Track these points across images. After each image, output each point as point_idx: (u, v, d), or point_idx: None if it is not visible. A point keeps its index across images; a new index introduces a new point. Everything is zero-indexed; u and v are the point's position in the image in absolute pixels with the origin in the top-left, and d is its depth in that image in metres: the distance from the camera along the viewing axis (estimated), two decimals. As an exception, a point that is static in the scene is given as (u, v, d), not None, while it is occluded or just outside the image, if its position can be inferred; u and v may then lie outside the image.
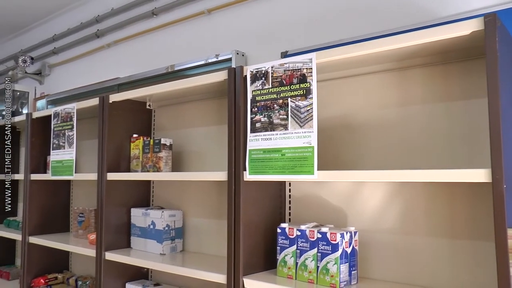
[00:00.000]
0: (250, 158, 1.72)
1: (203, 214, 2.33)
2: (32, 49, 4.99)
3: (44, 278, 3.05)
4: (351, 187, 1.80)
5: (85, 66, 4.34)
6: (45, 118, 3.03)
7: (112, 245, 2.40)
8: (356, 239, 1.68)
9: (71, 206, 3.28)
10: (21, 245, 3.07)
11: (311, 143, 1.56)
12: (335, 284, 1.60)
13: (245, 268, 1.75)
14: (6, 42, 5.59)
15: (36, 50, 4.95)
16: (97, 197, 2.41)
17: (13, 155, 3.88)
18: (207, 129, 2.33)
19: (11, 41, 5.49)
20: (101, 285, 2.37)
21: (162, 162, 2.23)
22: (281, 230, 1.77)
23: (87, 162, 3.11)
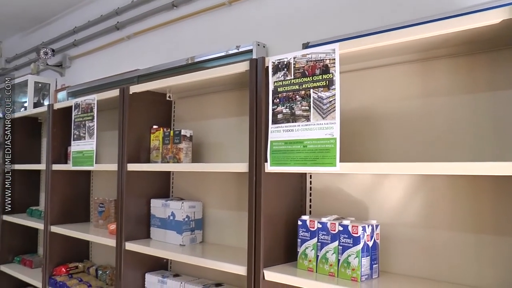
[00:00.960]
0: (271, 149, 1.71)
1: (223, 206, 2.32)
2: (53, 41, 5.03)
3: (66, 267, 3.09)
4: (372, 179, 1.78)
5: (105, 58, 4.36)
6: (66, 109, 3.06)
7: (132, 235, 2.42)
8: (377, 232, 1.66)
9: (91, 196, 3.31)
10: (43, 234, 3.12)
11: (334, 134, 1.54)
12: (356, 277, 1.58)
13: (265, 260, 1.75)
14: (28, 35, 5.65)
15: (57, 43, 4.99)
16: (117, 188, 2.43)
17: (35, 145, 3.94)
18: (228, 120, 2.32)
19: (33, 34, 5.54)
20: (121, 274, 2.39)
21: (182, 153, 2.23)
22: (302, 222, 1.75)
23: (107, 153, 3.13)
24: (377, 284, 1.57)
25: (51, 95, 4.81)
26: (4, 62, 5.86)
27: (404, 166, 1.40)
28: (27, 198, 3.85)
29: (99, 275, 3.00)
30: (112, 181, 3.10)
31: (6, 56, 5.90)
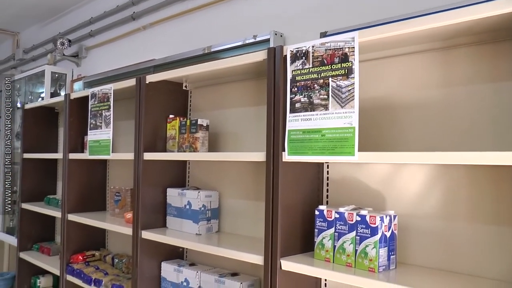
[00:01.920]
0: (289, 138, 1.70)
1: (239, 195, 2.32)
2: (70, 32, 5.06)
3: (82, 254, 3.13)
4: (390, 169, 1.76)
5: (121, 48, 4.37)
6: (83, 99, 3.08)
7: (148, 224, 2.43)
8: (395, 223, 1.64)
9: (108, 185, 3.33)
10: (61, 222, 3.15)
11: (352, 123, 1.52)
12: (374, 268, 1.57)
13: (282, 250, 1.74)
14: (45, 26, 5.69)
15: (74, 33, 5.02)
16: (133, 177, 2.44)
17: (51, 135, 3.97)
18: (244, 110, 2.31)
19: (50, 25, 5.58)
20: (137, 263, 2.40)
21: (199, 143, 2.23)
22: (319, 212, 1.74)
23: (123, 142, 3.14)
24: (395, 275, 1.56)
25: (67, 85, 4.85)
26: (22, 53, 5.92)
27: (423, 155, 1.39)
28: (44, 187, 3.90)
29: (116, 263, 3.02)
30: (128, 171, 3.11)
31: (24, 47, 5.95)
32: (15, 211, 5.01)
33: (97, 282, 2.77)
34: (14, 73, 5.91)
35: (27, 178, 3.82)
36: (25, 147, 3.81)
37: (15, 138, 5.14)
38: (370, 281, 1.49)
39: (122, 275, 2.84)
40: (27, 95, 5.13)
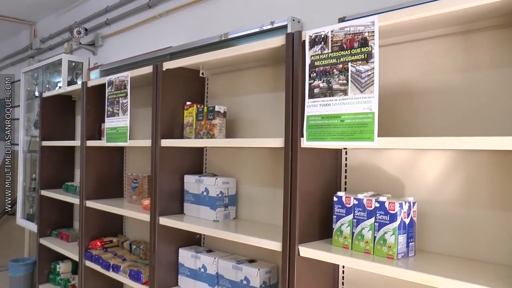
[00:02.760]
0: (307, 124, 1.69)
1: (256, 182, 2.32)
2: (86, 21, 5.07)
3: (101, 241, 3.16)
4: (410, 155, 1.74)
5: (137, 36, 4.37)
6: (100, 87, 3.09)
7: (166, 210, 2.44)
8: (414, 209, 1.62)
9: (125, 172, 3.36)
10: (79, 208, 3.19)
11: (372, 108, 1.51)
12: (393, 255, 1.56)
13: (300, 236, 1.74)
14: (62, 15, 5.71)
15: (90, 22, 5.03)
16: (151, 163, 2.45)
17: (69, 123, 4.01)
18: (262, 96, 2.30)
19: (66, 14, 5.60)
20: (155, 249, 2.42)
21: (216, 129, 2.23)
22: (338, 198, 1.74)
23: (140, 130, 3.15)
24: (414, 262, 1.55)
25: (84, 74, 4.88)
26: (39, 43, 5.96)
27: (444, 140, 1.37)
28: (62, 174, 3.94)
29: (133, 250, 3.05)
30: (145, 158, 3.13)
31: (41, 37, 5.99)
32: (35, 198, 5.08)
33: (115, 268, 2.81)
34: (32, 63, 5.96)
35: (45, 166, 3.87)
36: (43, 135, 3.85)
37: (33, 127, 5.20)
38: (389, 268, 1.48)
39: (140, 261, 2.87)
40: (44, 84, 5.17)
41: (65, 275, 3.82)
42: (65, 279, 3.71)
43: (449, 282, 1.34)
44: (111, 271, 2.84)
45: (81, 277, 3.16)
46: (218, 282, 2.30)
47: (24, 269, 4.92)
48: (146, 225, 2.50)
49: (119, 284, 3.35)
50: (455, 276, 1.35)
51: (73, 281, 3.65)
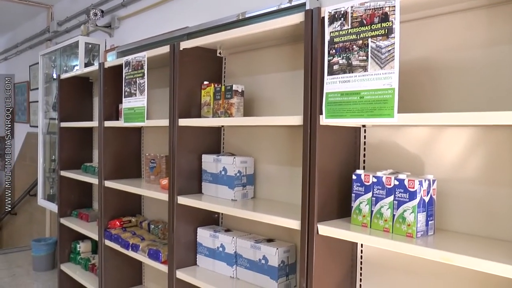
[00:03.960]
0: (327, 101, 1.67)
1: (274, 161, 2.32)
2: (102, 2, 5.06)
3: (119, 220, 3.20)
4: (429, 132, 1.72)
5: (154, 17, 4.36)
6: (117, 68, 3.10)
7: (184, 190, 2.46)
8: (434, 187, 1.61)
9: (143, 152, 3.38)
10: (98, 188, 3.22)
11: (392, 84, 1.48)
12: (412, 233, 1.55)
13: (319, 214, 1.74)
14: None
15: (106, 4, 5.02)
16: (169, 143, 2.46)
17: (86, 105, 4.04)
18: (280, 75, 2.28)
19: (83, -4, 5.60)
20: (173, 228, 2.44)
21: (234, 108, 2.22)
22: (357, 176, 1.72)
23: (157, 110, 3.16)
24: (433, 241, 1.54)
25: (101, 56, 4.89)
26: (56, 25, 5.97)
27: (465, 116, 1.34)
28: (81, 155, 3.98)
29: (152, 229, 3.08)
30: (162, 138, 3.14)
31: (58, 19, 6.01)
32: (54, 179, 5.16)
33: (134, 247, 2.84)
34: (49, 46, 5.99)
35: (64, 147, 3.91)
36: (61, 116, 3.88)
37: (52, 109, 5.25)
38: (408, 246, 1.47)
39: (158, 240, 2.90)
40: (62, 67, 5.21)
41: (85, 254, 3.89)
42: (85, 259, 3.78)
43: (468, 260, 1.33)
44: (130, 250, 2.88)
45: (101, 256, 3.21)
46: (236, 261, 2.32)
47: (46, 248, 5.02)
48: (164, 205, 2.52)
49: (138, 263, 3.40)
50: (474, 254, 1.34)
51: (93, 260, 3.71)
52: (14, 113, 7.25)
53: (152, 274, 3.36)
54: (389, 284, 1.85)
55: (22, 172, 6.99)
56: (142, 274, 3.46)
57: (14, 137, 7.34)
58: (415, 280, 1.76)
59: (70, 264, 3.93)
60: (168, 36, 3.66)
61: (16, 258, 5.50)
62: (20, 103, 7.00)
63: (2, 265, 5.20)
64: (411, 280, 1.78)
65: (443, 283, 1.68)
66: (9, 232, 7.49)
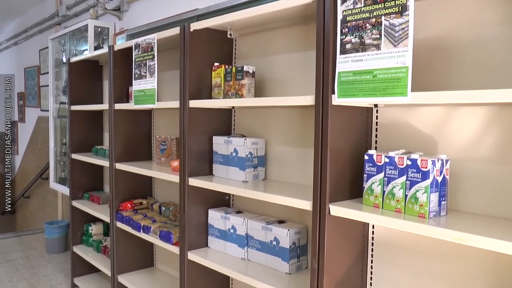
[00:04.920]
0: (339, 81, 1.66)
1: (285, 143, 2.31)
2: (111, -15, 5.05)
3: (131, 203, 3.22)
4: (443, 112, 1.70)
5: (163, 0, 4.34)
6: (126, 50, 3.09)
7: (195, 171, 2.46)
8: (447, 167, 1.59)
9: (153, 135, 3.38)
10: (109, 170, 3.24)
11: (406, 63, 1.46)
12: (424, 214, 1.54)
13: (331, 195, 1.73)
14: (86, -21, 5.69)
15: (115, -14, 5.01)
16: (179, 125, 2.46)
17: (96, 88, 4.05)
18: (291, 56, 2.26)
19: (91, -21, 5.58)
20: (185, 209, 2.45)
21: (245, 90, 2.21)
22: (369, 157, 1.71)
23: (167, 93, 3.16)
24: (446, 221, 1.52)
25: (110, 39, 4.88)
26: (65, 9, 5.96)
27: (482, 93, 1.32)
28: (91, 138, 4.01)
29: (163, 211, 3.10)
30: (173, 120, 3.15)
31: (67, 3, 5.99)
32: (66, 162, 5.20)
33: (146, 229, 2.86)
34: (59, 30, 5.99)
35: (75, 130, 3.93)
36: (72, 99, 3.89)
37: (62, 93, 5.27)
38: (421, 226, 1.47)
39: (170, 222, 2.92)
40: (71, 52, 5.21)
41: (97, 236, 3.93)
42: (97, 241, 3.82)
43: (482, 239, 1.32)
44: (141, 232, 2.90)
45: (112, 238, 3.24)
46: (247, 242, 2.33)
47: (59, 231, 5.08)
48: (175, 187, 2.53)
49: (150, 245, 3.43)
50: (488, 234, 1.33)
51: (105, 243, 3.75)
52: (25, 97, 7.30)
53: (164, 256, 3.39)
54: (401, 265, 1.84)
55: (34, 156, 7.05)
56: (154, 256, 3.49)
57: (25, 121, 7.39)
58: (427, 261, 1.76)
59: (83, 246, 3.97)
60: (177, 19, 3.63)
61: (30, 241, 5.57)
62: (31, 87, 7.03)
63: (17, 247, 5.28)
64: (422, 262, 1.77)
65: (455, 264, 1.68)
66: (22, 215, 7.59)
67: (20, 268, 4.57)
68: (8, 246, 5.35)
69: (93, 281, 3.92)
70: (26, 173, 7.37)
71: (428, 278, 1.75)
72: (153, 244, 3.46)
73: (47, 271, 4.48)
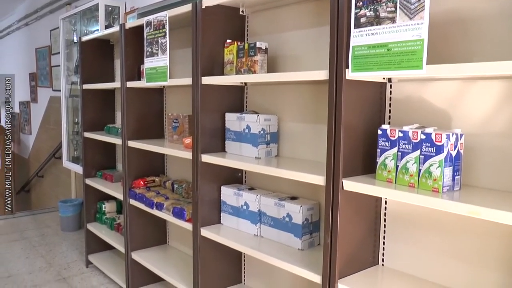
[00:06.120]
0: (353, 55, 1.64)
1: (298, 119, 2.30)
2: (121, -37, 5.02)
3: (143, 180, 3.25)
4: (458, 86, 1.68)
5: (173, -22, 4.31)
6: (137, 29, 3.09)
7: (207, 148, 2.47)
8: (462, 142, 1.58)
9: (165, 113, 3.39)
10: (122, 148, 3.26)
11: (421, 35, 1.45)
12: (438, 188, 1.54)
13: (344, 170, 1.73)
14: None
15: (125, -36, 4.98)
16: (192, 102, 2.46)
17: (108, 67, 4.05)
18: (304, 32, 2.24)
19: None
20: (197, 186, 2.47)
21: (258, 66, 2.20)
22: (382, 131, 1.71)
23: (179, 71, 3.16)
24: (459, 196, 1.52)
25: (121, 18, 4.86)
26: (75, -12, 5.95)
27: (501, 65, 1.29)
28: (103, 117, 4.03)
29: (175, 189, 3.13)
30: (184, 98, 3.15)
31: (77, -18, 5.98)
32: (78, 141, 5.24)
33: (159, 206, 2.89)
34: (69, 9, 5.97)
35: (87, 109, 3.96)
36: (83, 78, 3.91)
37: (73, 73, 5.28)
38: (434, 200, 1.46)
39: (183, 199, 2.94)
40: (82, 32, 5.21)
41: (110, 214, 3.98)
42: (111, 218, 3.87)
43: (498, 213, 1.31)
44: (154, 209, 2.93)
45: (126, 215, 3.28)
46: (260, 219, 2.34)
47: (73, 209, 5.15)
48: (188, 165, 2.54)
49: (163, 222, 3.47)
50: (504, 208, 1.32)
51: (118, 220, 3.80)
52: (37, 78, 7.33)
53: (176, 233, 3.43)
54: (413, 240, 1.85)
55: (47, 135, 7.11)
56: (167, 233, 3.53)
57: (37, 102, 7.44)
58: (439, 236, 1.76)
59: (96, 224, 4.03)
60: (188, -4, 3.61)
61: (45, 219, 5.66)
62: (42, 67, 7.05)
63: (32, 225, 5.37)
64: (435, 237, 1.78)
65: (468, 240, 1.68)
66: (37, 194, 7.69)
67: (36, 245, 4.65)
68: (24, 224, 5.44)
69: (107, 258, 3.99)
70: (39, 153, 7.45)
71: (440, 254, 1.76)
72: (166, 222, 3.50)
73: (62, 249, 4.56)
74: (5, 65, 9.43)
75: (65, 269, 3.99)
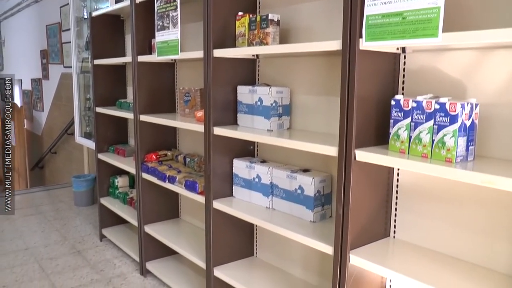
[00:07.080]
0: (367, 24, 1.62)
1: (310, 91, 2.29)
2: None
3: (156, 154, 3.27)
4: (473, 56, 1.65)
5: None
6: (148, 3, 3.06)
7: (219, 121, 2.47)
8: (476, 112, 1.56)
9: (176, 87, 3.39)
10: (134, 122, 3.28)
11: (437, 3, 1.42)
12: (451, 158, 1.53)
13: (357, 141, 1.72)
14: None
15: None
16: (203, 75, 2.46)
17: (119, 42, 4.04)
18: (317, 3, 2.21)
19: None
20: (209, 159, 2.48)
21: (270, 38, 2.18)
22: (396, 102, 1.70)
23: (190, 45, 3.14)
24: (473, 166, 1.51)
25: (131, -7, 4.84)
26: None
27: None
28: (115, 92, 4.04)
29: (187, 163, 3.15)
30: (195, 72, 3.14)
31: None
32: (90, 117, 5.27)
33: (171, 179, 2.91)
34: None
35: (99, 84, 3.97)
36: (94, 53, 3.91)
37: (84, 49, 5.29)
38: (448, 169, 1.45)
39: (195, 173, 2.96)
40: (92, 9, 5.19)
41: (123, 189, 4.03)
42: (124, 193, 3.91)
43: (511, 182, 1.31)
44: (167, 182, 2.96)
45: (138, 189, 3.32)
46: (272, 191, 2.35)
47: (86, 184, 5.21)
48: (200, 138, 2.55)
49: (175, 196, 3.50)
50: (517, 177, 1.31)
51: (131, 194, 3.84)
52: (48, 55, 7.35)
53: (189, 207, 3.46)
54: (425, 212, 1.85)
55: (59, 112, 7.16)
56: (179, 207, 3.57)
57: (49, 78, 7.47)
58: (451, 208, 1.76)
59: (109, 198, 4.08)
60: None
61: (59, 194, 5.74)
62: (53, 44, 7.06)
63: (47, 201, 5.45)
64: (447, 209, 1.78)
65: (480, 211, 1.68)
66: (50, 170, 7.79)
67: (51, 219, 4.73)
68: (39, 199, 5.52)
69: (120, 231, 4.05)
70: (52, 130, 7.51)
71: (452, 225, 1.76)
72: (178, 196, 3.53)
73: (76, 223, 4.63)
74: (16, 43, 9.46)
75: (79, 243, 4.06)
